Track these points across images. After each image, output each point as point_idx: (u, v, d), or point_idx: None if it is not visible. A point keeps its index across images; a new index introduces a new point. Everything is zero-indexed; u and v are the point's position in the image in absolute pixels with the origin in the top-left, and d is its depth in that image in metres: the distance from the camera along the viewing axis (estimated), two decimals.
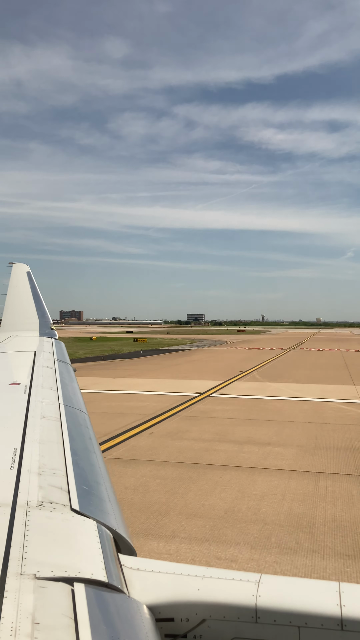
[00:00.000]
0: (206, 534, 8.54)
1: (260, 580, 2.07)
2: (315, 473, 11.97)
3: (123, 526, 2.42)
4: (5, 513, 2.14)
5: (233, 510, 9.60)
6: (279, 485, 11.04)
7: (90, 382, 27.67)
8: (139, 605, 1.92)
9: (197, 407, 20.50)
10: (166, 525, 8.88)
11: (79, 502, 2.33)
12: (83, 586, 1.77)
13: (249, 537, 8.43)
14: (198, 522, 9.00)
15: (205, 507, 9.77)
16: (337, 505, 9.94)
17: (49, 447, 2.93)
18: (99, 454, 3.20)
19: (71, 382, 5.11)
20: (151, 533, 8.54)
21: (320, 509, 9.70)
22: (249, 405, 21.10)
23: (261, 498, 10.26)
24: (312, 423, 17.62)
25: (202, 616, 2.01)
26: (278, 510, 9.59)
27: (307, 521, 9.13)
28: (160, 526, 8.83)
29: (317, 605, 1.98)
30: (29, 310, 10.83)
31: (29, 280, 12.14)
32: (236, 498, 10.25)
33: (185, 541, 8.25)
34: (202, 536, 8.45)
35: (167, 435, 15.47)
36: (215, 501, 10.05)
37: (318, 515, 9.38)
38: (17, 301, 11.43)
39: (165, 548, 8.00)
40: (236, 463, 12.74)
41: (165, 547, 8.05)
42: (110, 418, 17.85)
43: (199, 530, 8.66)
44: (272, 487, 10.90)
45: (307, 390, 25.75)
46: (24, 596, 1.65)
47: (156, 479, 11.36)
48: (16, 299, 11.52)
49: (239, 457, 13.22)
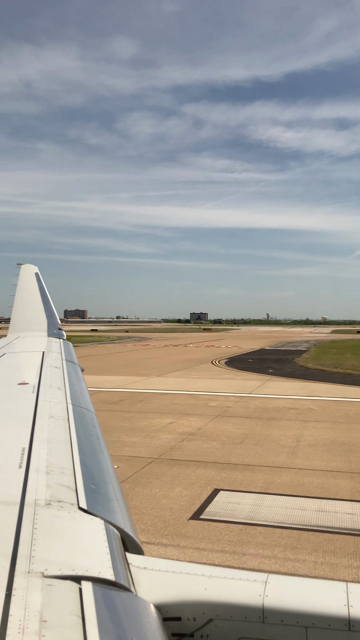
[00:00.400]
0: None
1: (267, 580, 2.07)
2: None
3: (130, 525, 2.42)
4: (14, 512, 2.16)
5: None
6: None
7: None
8: (146, 604, 1.93)
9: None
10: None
11: (86, 501, 2.33)
12: (90, 585, 1.77)
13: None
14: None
15: None
16: None
17: (56, 446, 2.94)
18: (107, 453, 3.21)
19: (79, 382, 5.12)
20: None
21: None
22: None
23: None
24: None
25: (209, 616, 2.01)
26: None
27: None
28: None
29: (325, 605, 1.98)
30: (37, 311, 10.87)
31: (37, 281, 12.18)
32: None
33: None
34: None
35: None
36: None
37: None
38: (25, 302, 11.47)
39: None
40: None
41: None
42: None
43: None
44: None
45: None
46: (32, 594, 1.66)
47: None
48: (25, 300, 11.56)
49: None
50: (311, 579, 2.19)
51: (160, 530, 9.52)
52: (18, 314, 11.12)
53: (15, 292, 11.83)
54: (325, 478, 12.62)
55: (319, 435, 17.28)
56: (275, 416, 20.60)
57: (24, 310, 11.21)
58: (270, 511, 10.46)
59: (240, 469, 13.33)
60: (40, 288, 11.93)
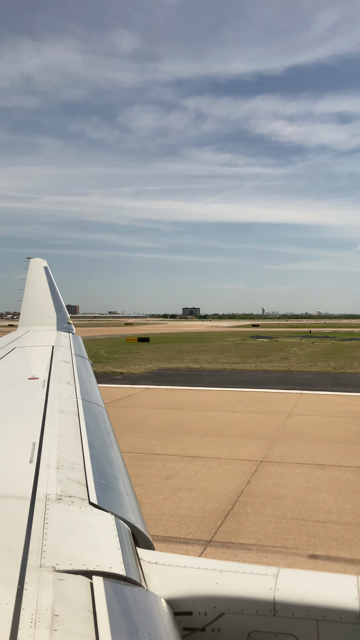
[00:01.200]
0: None
1: (278, 574, 2.07)
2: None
3: (141, 520, 2.43)
4: (25, 506, 2.17)
5: None
6: None
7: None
8: (157, 599, 1.93)
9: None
10: None
11: (97, 496, 2.34)
12: (102, 579, 1.78)
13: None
14: None
15: None
16: None
17: (67, 442, 2.96)
18: (117, 448, 3.22)
19: (89, 376, 5.14)
20: None
21: None
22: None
23: None
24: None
25: (221, 610, 2.01)
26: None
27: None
28: None
29: (336, 598, 1.98)
30: (46, 305, 10.89)
31: (46, 275, 12.19)
32: None
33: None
34: None
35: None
36: None
37: None
38: (34, 296, 11.49)
39: None
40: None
41: None
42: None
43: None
44: None
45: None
46: (44, 589, 1.67)
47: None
48: (34, 294, 11.58)
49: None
50: (322, 573, 2.20)
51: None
52: (27, 308, 11.14)
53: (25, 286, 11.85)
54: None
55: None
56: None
57: (34, 304, 11.23)
58: None
59: None
60: (49, 282, 11.94)
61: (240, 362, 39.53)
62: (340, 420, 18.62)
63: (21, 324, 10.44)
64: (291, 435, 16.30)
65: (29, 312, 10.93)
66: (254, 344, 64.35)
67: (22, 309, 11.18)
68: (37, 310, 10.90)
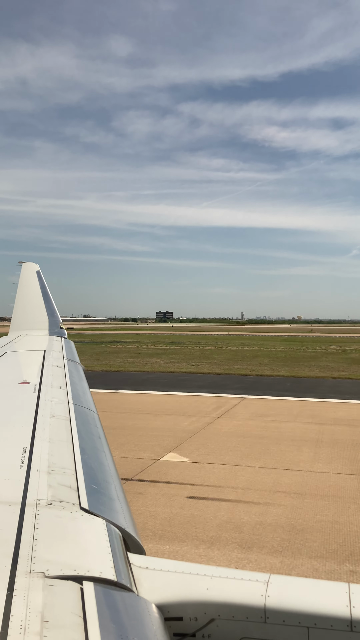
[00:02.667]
0: None
1: (269, 580, 2.07)
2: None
3: (132, 525, 2.42)
4: (15, 511, 2.16)
5: None
6: None
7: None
8: (148, 604, 1.92)
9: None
10: None
11: (88, 501, 2.33)
12: (92, 585, 1.77)
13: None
14: None
15: None
16: None
17: (58, 446, 2.94)
18: (109, 453, 3.21)
19: (80, 381, 5.12)
20: None
21: None
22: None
23: None
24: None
25: (211, 615, 2.00)
26: None
27: None
28: None
29: (327, 606, 1.98)
30: (38, 309, 10.86)
31: (39, 280, 12.16)
32: None
33: None
34: None
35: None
36: None
37: None
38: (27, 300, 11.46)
39: None
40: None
41: None
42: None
43: None
44: None
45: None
46: (34, 594, 1.66)
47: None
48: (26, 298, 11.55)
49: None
50: (313, 580, 2.19)
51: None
52: (19, 312, 11.11)
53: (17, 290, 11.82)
54: None
55: None
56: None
57: (25, 308, 11.20)
58: None
59: None
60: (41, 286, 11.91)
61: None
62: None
63: (13, 329, 10.39)
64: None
65: (21, 317, 10.89)
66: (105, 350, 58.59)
67: (13, 313, 11.15)
68: (29, 315, 10.87)
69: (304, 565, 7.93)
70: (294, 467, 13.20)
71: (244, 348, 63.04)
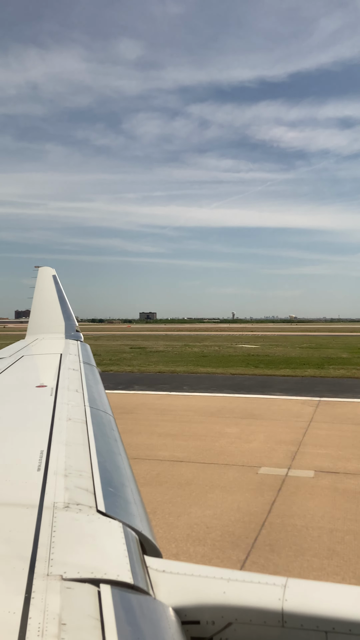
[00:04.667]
0: None
1: (286, 584, 2.04)
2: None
3: (148, 528, 2.42)
4: (33, 514, 2.17)
5: None
6: None
7: None
8: (165, 608, 1.92)
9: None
10: None
11: (104, 504, 2.34)
12: (109, 587, 1.77)
13: None
14: None
15: None
16: None
17: (74, 449, 2.96)
18: (125, 456, 3.21)
19: (96, 384, 5.15)
20: None
21: None
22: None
23: None
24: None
25: (228, 619, 1.99)
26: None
27: None
28: None
29: (345, 610, 1.95)
30: (55, 313, 10.97)
31: (55, 284, 12.29)
32: None
33: None
34: None
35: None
36: None
37: None
38: (43, 304, 11.59)
39: None
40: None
41: None
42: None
43: None
44: None
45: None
46: (51, 597, 1.66)
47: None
48: (42, 302, 11.68)
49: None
50: (332, 583, 2.17)
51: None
52: (36, 316, 11.23)
53: (33, 295, 11.96)
54: None
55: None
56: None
57: (42, 312, 11.32)
58: None
59: None
60: (57, 290, 12.03)
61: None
62: None
63: (30, 332, 10.50)
64: None
65: (38, 320, 11.01)
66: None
67: (30, 317, 11.27)
68: (45, 319, 10.98)
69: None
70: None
71: (180, 345, 61.70)
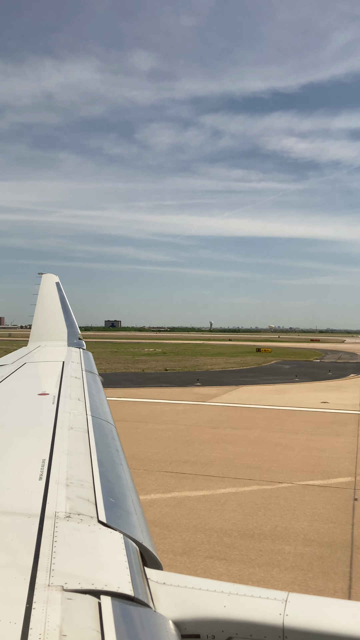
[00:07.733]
0: None
1: (287, 599, 2.03)
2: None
3: (149, 539, 2.41)
4: (34, 524, 2.17)
5: None
6: None
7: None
8: (165, 620, 1.91)
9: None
10: None
11: (105, 514, 2.33)
12: (110, 599, 1.77)
13: None
14: None
15: None
16: None
17: (76, 459, 2.95)
18: (126, 466, 3.21)
19: (98, 393, 5.15)
20: None
21: None
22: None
23: None
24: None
25: (228, 634, 1.98)
26: None
27: None
28: None
29: (346, 626, 1.94)
30: (57, 320, 10.96)
31: (58, 291, 12.29)
32: None
33: None
34: None
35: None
36: None
37: None
38: (46, 311, 11.58)
39: None
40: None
41: None
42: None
43: None
44: None
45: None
46: (52, 608, 1.66)
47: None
48: (45, 309, 11.67)
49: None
50: (332, 599, 2.15)
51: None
52: (39, 323, 11.22)
53: (36, 302, 11.96)
54: None
55: None
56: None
57: (45, 319, 11.31)
58: None
59: None
60: (60, 297, 12.03)
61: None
62: None
63: (32, 339, 10.50)
64: None
65: (40, 327, 11.00)
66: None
67: (33, 324, 11.26)
68: (48, 326, 10.97)
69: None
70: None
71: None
